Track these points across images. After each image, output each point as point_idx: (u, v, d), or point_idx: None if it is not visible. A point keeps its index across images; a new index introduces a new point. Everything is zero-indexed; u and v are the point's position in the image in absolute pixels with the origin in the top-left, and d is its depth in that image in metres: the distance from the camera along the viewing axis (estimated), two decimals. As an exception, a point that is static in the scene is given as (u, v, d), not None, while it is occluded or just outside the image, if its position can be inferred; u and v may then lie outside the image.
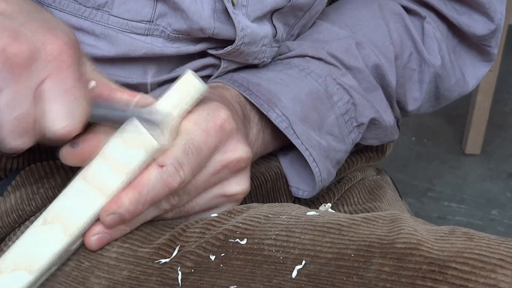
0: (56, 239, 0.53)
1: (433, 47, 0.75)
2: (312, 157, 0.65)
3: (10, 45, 0.48)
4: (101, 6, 0.61)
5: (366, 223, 0.53)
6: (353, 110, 0.70)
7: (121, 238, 0.56)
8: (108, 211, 0.53)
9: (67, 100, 0.50)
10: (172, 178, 0.54)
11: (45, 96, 0.50)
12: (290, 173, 0.71)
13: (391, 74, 0.73)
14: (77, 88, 0.50)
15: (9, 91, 0.49)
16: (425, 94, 0.77)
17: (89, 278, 0.55)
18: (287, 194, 0.71)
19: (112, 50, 0.63)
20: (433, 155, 2.08)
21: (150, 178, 0.53)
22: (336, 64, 0.70)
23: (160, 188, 0.54)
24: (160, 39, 0.64)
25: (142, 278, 0.54)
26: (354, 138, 0.71)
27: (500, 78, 2.01)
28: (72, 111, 0.50)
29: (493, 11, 0.75)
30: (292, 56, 0.71)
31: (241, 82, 0.66)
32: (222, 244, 0.53)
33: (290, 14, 0.70)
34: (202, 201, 0.58)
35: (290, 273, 0.50)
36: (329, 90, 0.69)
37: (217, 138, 0.56)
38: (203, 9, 0.63)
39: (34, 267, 0.53)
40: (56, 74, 0.50)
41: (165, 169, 0.54)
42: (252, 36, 0.65)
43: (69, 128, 0.50)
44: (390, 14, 0.75)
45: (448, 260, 0.47)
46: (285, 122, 0.65)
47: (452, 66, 0.77)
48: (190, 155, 0.55)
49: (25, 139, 0.50)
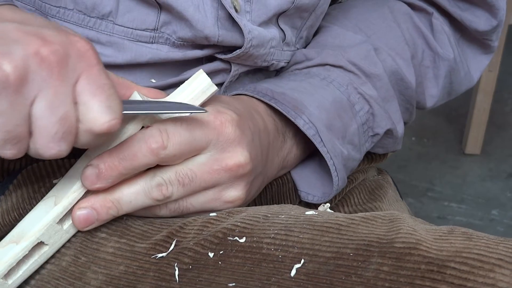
0: (47, 210, 0.55)
1: (444, 40, 0.76)
2: (334, 166, 0.65)
3: (42, 46, 0.48)
4: (106, 16, 0.61)
5: (365, 222, 0.53)
6: (372, 120, 0.70)
7: (118, 234, 0.57)
8: (89, 167, 0.54)
9: (105, 94, 0.50)
10: (153, 139, 0.54)
11: (82, 94, 0.50)
12: (299, 178, 0.71)
13: (410, 74, 0.73)
14: (109, 84, 0.50)
15: (49, 92, 0.48)
16: (441, 90, 0.77)
17: (86, 273, 0.55)
18: (292, 199, 0.71)
19: (119, 57, 0.63)
20: (433, 155, 2.08)
21: (133, 137, 0.54)
22: (356, 72, 0.70)
23: (139, 147, 0.54)
24: (166, 46, 0.64)
25: (139, 273, 0.54)
26: (367, 148, 0.71)
27: (500, 78, 2.00)
28: (111, 104, 0.50)
29: (496, 8, 0.76)
30: (312, 65, 0.71)
31: (265, 93, 0.66)
32: (220, 241, 0.53)
33: (296, 16, 0.70)
34: (197, 203, 0.58)
35: (289, 271, 0.50)
36: (351, 99, 0.69)
37: (214, 133, 0.56)
38: (206, 18, 0.62)
39: (23, 237, 0.54)
40: (88, 71, 0.50)
41: (149, 129, 0.54)
42: (259, 38, 0.65)
43: (114, 121, 0.50)
44: (400, 15, 0.75)
45: (447, 260, 0.47)
46: (312, 129, 0.65)
47: (460, 60, 0.78)
48: (178, 126, 0.55)
49: (67, 142, 0.50)
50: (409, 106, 0.75)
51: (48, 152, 0.49)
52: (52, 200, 0.55)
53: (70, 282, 0.55)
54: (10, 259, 0.54)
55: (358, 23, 0.74)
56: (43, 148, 0.49)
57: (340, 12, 0.77)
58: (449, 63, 0.76)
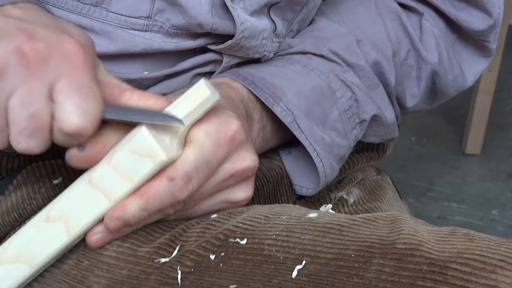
0: (59, 237, 0.54)
1: (430, 43, 0.75)
2: (316, 152, 0.65)
3: (26, 43, 0.49)
4: (99, 3, 0.62)
5: (367, 223, 0.52)
6: (356, 106, 0.70)
7: (121, 238, 0.56)
8: (113, 217, 0.53)
9: (80, 98, 0.50)
10: (180, 192, 0.54)
11: (58, 94, 0.50)
12: (293, 171, 0.71)
13: (390, 71, 0.73)
14: (90, 87, 0.50)
15: (24, 88, 0.49)
16: (423, 90, 0.77)
17: (88, 277, 0.55)
18: (288, 194, 0.71)
19: (111, 46, 0.63)
20: (433, 155, 2.08)
21: (159, 189, 0.53)
22: (338, 61, 0.70)
23: (167, 199, 0.54)
24: (159, 35, 0.64)
25: (142, 277, 0.54)
26: (357, 135, 0.71)
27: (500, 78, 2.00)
28: (84, 109, 0.50)
29: (491, 6, 0.75)
30: (294, 52, 0.71)
31: (245, 76, 0.66)
32: (222, 243, 0.53)
33: (288, 9, 0.70)
34: (205, 206, 0.58)
35: (290, 273, 0.50)
36: (332, 86, 0.69)
37: (227, 150, 0.56)
38: (200, 4, 0.63)
39: (35, 261, 0.54)
40: (70, 72, 0.50)
41: (175, 182, 0.53)
42: (251, 29, 0.65)
43: (82, 125, 0.50)
44: (386, 12, 0.75)
45: (449, 261, 0.47)
46: (289, 116, 0.65)
47: (450, 62, 0.77)
48: (199, 169, 0.54)
49: (38, 138, 0.50)
50: (390, 101, 0.75)
51: (17, 146, 0.51)
52: (61, 227, 0.54)
53: (72, 285, 0.55)
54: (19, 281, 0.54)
55: (344, 17, 0.74)
56: (13, 142, 0.51)
57: (329, 7, 0.77)
58: (432, 66, 0.75)
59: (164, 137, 0.54)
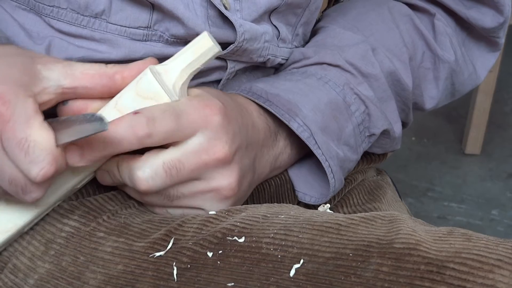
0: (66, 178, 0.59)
1: (445, 42, 0.76)
2: (330, 168, 0.65)
3: None
4: (99, 15, 0.62)
5: (365, 223, 0.52)
6: (368, 120, 0.70)
7: (116, 233, 0.57)
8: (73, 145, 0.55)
9: (23, 152, 0.51)
10: (139, 127, 0.55)
11: (9, 154, 0.52)
12: (297, 179, 0.71)
13: (407, 76, 0.73)
14: (26, 136, 0.51)
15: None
16: (442, 91, 0.77)
17: (84, 273, 0.55)
18: (290, 200, 0.71)
19: (113, 53, 0.63)
20: (433, 155, 2.08)
21: (124, 119, 0.55)
22: (353, 72, 0.70)
23: (128, 131, 0.55)
24: (159, 44, 0.64)
25: (137, 272, 0.54)
26: (364, 148, 0.71)
27: (500, 78, 2.01)
28: (32, 158, 0.51)
29: (502, 4, 0.76)
30: (310, 64, 0.71)
31: (260, 94, 0.66)
32: (219, 241, 0.53)
33: (289, 13, 0.70)
34: (187, 191, 0.58)
35: (288, 271, 0.50)
36: (347, 100, 0.68)
37: (201, 120, 0.57)
38: (196, 16, 0.63)
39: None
40: (3, 130, 0.51)
41: (138, 116, 0.55)
42: (251, 32, 0.65)
43: (43, 171, 0.51)
44: (399, 16, 0.75)
45: (446, 261, 0.47)
46: (306, 132, 0.65)
47: (464, 60, 0.77)
48: (166, 114, 0.55)
49: (33, 190, 0.53)
50: (405, 108, 0.75)
51: (27, 201, 0.54)
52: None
53: (69, 282, 0.56)
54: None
55: (357, 23, 0.74)
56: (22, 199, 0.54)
57: (340, 13, 0.77)
58: (450, 65, 0.76)
59: (168, 83, 0.58)
